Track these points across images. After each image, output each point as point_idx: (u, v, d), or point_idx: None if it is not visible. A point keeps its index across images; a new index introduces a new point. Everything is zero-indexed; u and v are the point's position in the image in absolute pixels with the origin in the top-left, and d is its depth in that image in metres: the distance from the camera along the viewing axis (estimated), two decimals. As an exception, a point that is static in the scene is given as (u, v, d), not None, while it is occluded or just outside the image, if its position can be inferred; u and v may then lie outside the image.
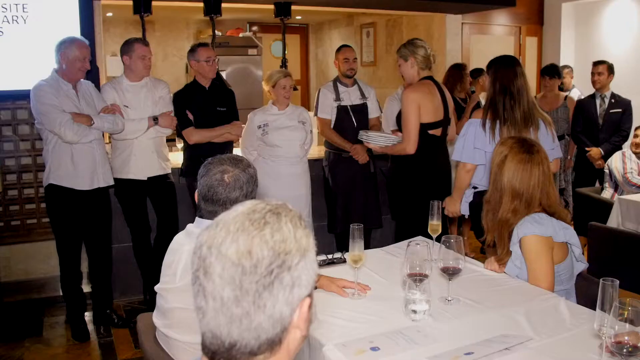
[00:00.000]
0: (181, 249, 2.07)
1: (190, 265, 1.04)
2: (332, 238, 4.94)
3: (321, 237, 4.77)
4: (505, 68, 3.41)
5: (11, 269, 4.68)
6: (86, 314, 4.18)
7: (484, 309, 2.25)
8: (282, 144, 4.30)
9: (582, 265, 2.60)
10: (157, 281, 2.16)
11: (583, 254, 2.64)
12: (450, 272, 2.28)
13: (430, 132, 3.80)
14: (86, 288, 4.38)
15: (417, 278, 2.16)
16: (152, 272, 4.11)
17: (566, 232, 2.45)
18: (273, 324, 0.99)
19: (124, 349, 3.85)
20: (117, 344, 3.92)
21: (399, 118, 3.91)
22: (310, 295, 1.04)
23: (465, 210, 3.57)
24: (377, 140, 3.99)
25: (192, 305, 1.04)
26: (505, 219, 2.52)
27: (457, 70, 5.53)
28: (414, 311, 2.14)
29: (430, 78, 3.84)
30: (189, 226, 2.16)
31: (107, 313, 4.15)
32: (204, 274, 0.99)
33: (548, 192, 2.52)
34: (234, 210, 1.04)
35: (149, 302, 4.28)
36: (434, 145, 3.83)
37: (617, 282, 1.73)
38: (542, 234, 2.40)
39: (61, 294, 4.19)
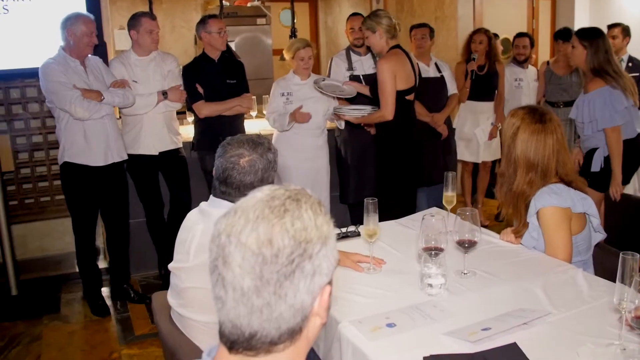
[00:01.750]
0: (195, 228, 2.06)
1: (204, 244, 1.01)
2: (345, 208, 4.92)
3: (334, 207, 4.76)
4: (603, 40, 3.76)
5: (27, 246, 4.72)
6: (103, 289, 4.22)
7: (501, 281, 2.22)
8: None
9: (600, 236, 2.56)
10: (172, 255, 2.16)
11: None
12: (466, 245, 2.25)
13: (406, 97, 3.92)
14: (102, 264, 4.41)
15: (433, 252, 2.14)
16: (166, 247, 4.13)
17: (584, 203, 2.41)
18: (294, 313, 0.97)
19: (140, 324, 3.88)
20: (133, 319, 3.96)
21: (374, 87, 3.95)
22: (330, 283, 1.02)
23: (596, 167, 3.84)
24: (351, 112, 4.10)
25: (207, 284, 1.02)
26: (521, 191, 2.47)
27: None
28: (430, 285, 2.13)
29: (399, 46, 3.89)
30: (203, 204, 2.13)
31: (124, 288, 4.18)
32: (223, 264, 0.96)
33: (564, 160, 2.47)
34: (252, 197, 1.01)
35: (164, 277, 4.30)
36: (410, 110, 3.99)
37: (638, 255, 1.70)
38: (560, 205, 2.35)
39: (77, 270, 4.22)
